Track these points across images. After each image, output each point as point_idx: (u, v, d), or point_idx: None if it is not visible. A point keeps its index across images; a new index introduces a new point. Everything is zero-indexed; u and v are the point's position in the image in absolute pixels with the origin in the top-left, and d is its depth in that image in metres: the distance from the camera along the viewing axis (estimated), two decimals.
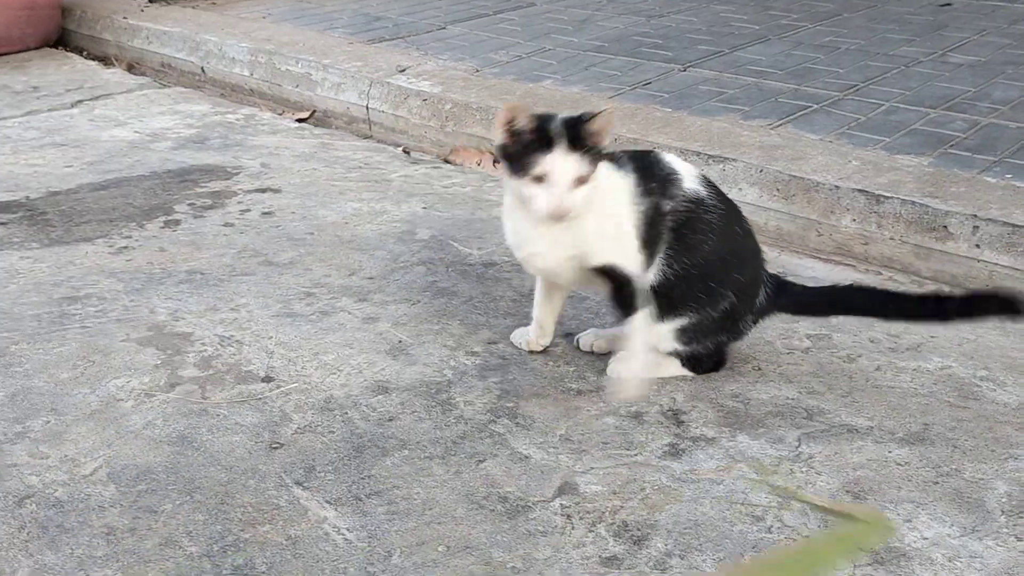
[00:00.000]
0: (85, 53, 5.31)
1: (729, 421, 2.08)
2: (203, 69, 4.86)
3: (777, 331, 2.42)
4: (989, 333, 2.45)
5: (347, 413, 2.08)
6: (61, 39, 5.43)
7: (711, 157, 3.29)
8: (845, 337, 2.42)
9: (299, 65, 4.45)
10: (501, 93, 3.91)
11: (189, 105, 4.32)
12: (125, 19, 5.32)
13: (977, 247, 2.76)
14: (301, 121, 4.27)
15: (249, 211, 3.18)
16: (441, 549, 1.69)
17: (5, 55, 5.04)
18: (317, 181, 3.47)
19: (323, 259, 2.84)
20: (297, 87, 4.44)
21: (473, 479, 1.88)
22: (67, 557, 1.66)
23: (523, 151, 1.95)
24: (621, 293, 2.10)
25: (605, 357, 2.28)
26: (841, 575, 1.63)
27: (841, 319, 2.44)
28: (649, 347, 2.15)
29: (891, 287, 2.72)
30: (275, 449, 1.94)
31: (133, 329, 2.39)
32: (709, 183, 2.17)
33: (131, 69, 5.04)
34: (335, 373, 2.24)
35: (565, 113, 2.01)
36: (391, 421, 2.06)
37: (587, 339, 2.35)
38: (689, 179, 2.11)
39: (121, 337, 2.35)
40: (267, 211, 3.19)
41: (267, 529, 1.71)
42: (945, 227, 2.83)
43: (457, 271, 2.79)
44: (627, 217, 2.05)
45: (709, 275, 2.09)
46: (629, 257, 2.07)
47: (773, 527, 1.76)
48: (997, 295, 2.26)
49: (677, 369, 2.22)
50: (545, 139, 1.93)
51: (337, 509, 1.78)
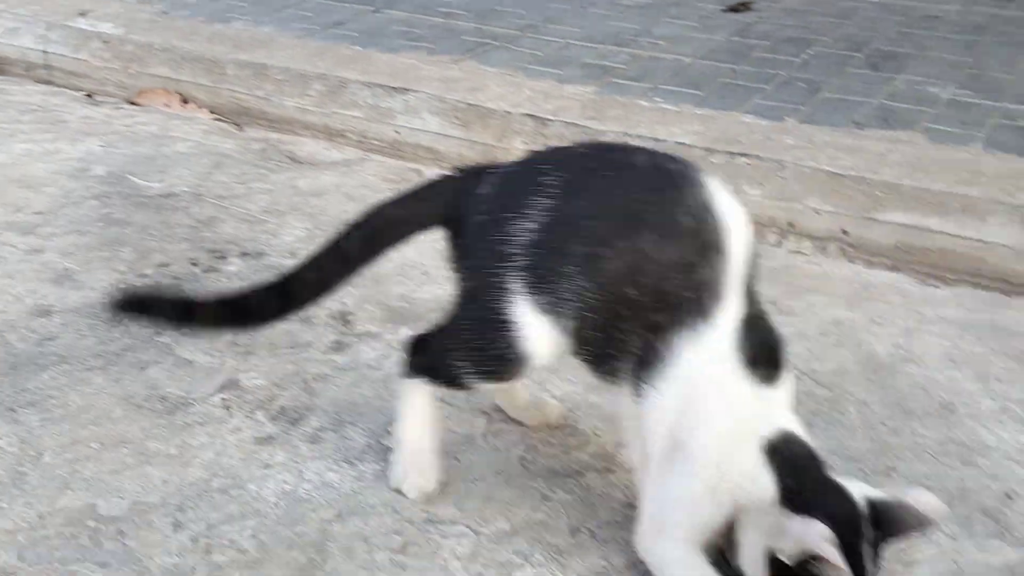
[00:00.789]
0: None
1: (394, 318, 2.23)
2: None
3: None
4: None
5: (4, 336, 2.05)
6: None
7: (394, 89, 3.43)
8: None
9: None
10: (188, 34, 3.87)
11: None
12: None
13: None
14: None
15: None
16: (95, 446, 1.73)
17: None
18: None
19: None
20: None
21: (134, 384, 1.92)
22: None
23: None
24: None
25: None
26: None
27: None
28: None
29: None
30: None
31: None
32: None
33: None
34: None
35: None
36: (51, 340, 2.05)
37: None
38: None
39: None
40: None
41: None
42: None
43: (133, 203, 2.77)
44: None
45: None
46: None
47: None
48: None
49: None
50: None
51: None
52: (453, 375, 1.54)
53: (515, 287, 1.42)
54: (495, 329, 1.44)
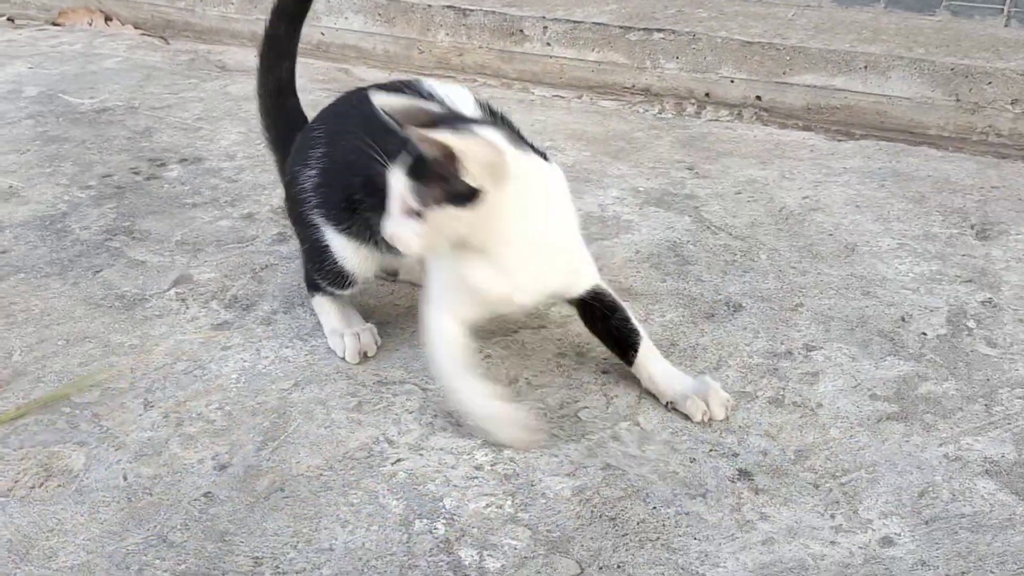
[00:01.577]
0: None
1: None
2: None
3: None
4: (557, 113, 2.87)
5: None
6: None
7: None
8: None
9: None
10: None
11: None
12: None
13: (548, 44, 3.16)
14: None
15: None
16: (61, 343, 1.83)
17: None
18: None
19: None
20: None
21: (91, 287, 2.02)
22: None
23: None
24: None
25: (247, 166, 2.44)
26: None
27: None
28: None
29: (480, 92, 3.06)
30: None
31: None
32: None
33: None
34: None
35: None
36: (4, 253, 2.14)
37: None
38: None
39: None
40: None
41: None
42: (521, 31, 3.19)
43: (68, 120, 2.82)
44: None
45: None
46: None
47: None
48: None
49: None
50: None
51: None
52: (321, 288, 1.84)
53: (321, 221, 1.74)
54: (321, 253, 1.76)
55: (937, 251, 2.11)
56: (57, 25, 3.75)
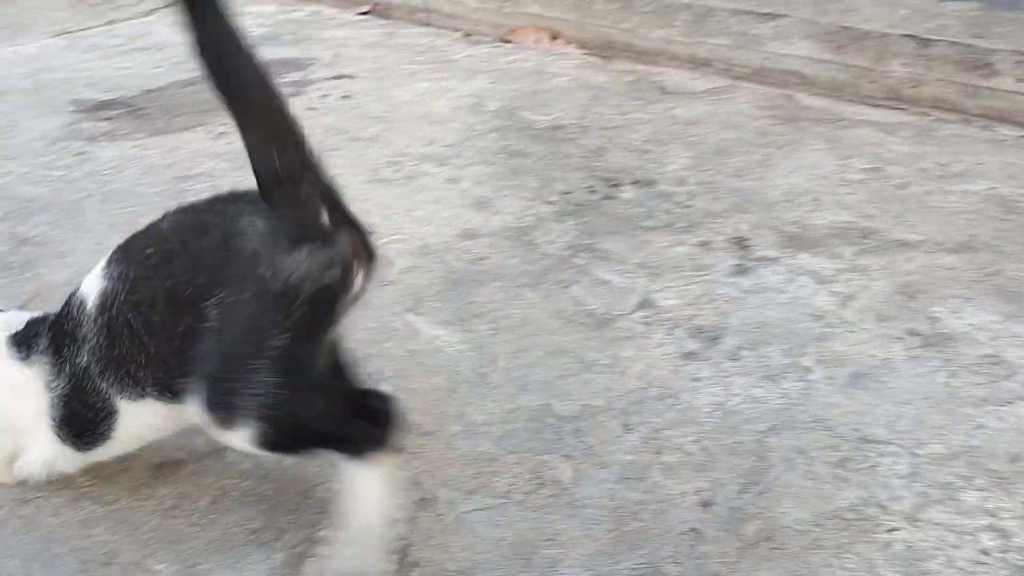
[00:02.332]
0: None
1: (790, 244, 2.29)
2: None
3: (831, 167, 2.61)
4: None
5: (442, 256, 2.33)
6: None
7: (763, 15, 3.41)
8: (897, 168, 2.60)
9: None
10: None
11: (257, 6, 4.51)
12: None
13: (1020, 81, 2.89)
14: (363, 14, 4.45)
15: (328, 96, 3.41)
16: (540, 353, 1.94)
17: None
18: (387, 67, 3.68)
19: (402, 132, 3.06)
20: None
21: (561, 300, 2.12)
22: None
23: None
24: None
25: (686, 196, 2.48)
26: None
27: None
28: None
29: (938, 128, 2.87)
30: (385, 287, 2.19)
31: None
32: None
33: None
34: (427, 225, 2.48)
35: None
36: (482, 260, 2.30)
37: None
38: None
39: None
40: (345, 95, 3.41)
41: (389, 345, 1.97)
42: (990, 64, 2.95)
43: (527, 135, 3.00)
44: None
45: None
46: None
47: (833, 323, 1.98)
48: None
49: None
50: None
51: (446, 328, 2.03)
52: None
53: None
54: None
55: None
56: (507, 42, 4.02)
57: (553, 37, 3.99)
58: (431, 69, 3.63)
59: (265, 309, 1.28)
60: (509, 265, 2.27)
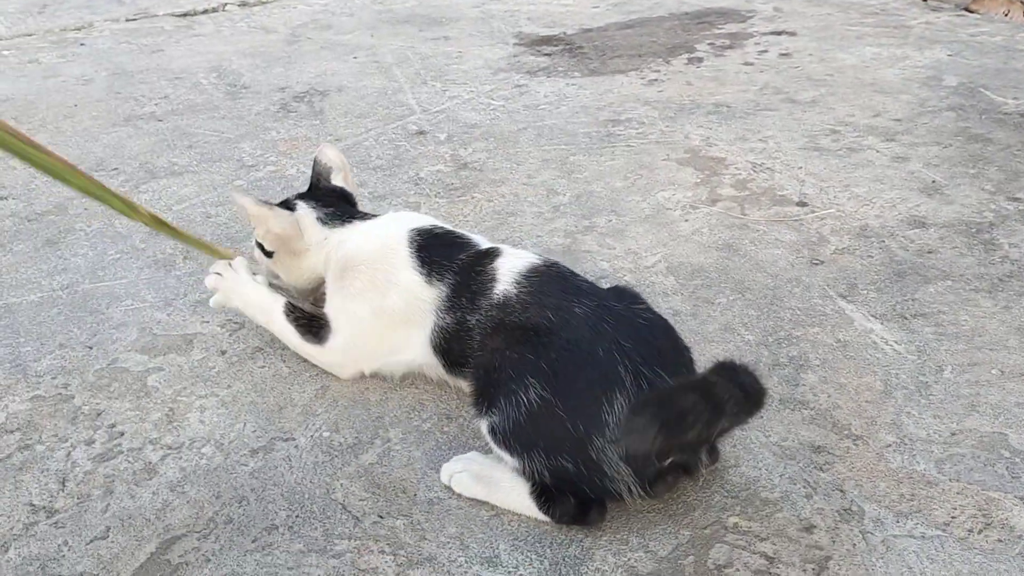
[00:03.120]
0: None
1: None
2: None
3: None
4: None
5: (884, 241, 2.12)
6: None
7: None
8: None
9: None
10: None
11: None
12: None
13: None
14: None
15: (767, 52, 3.24)
16: (995, 372, 1.70)
17: None
18: (832, 26, 3.43)
19: (845, 99, 2.84)
20: None
21: (1022, 315, 1.84)
22: None
23: None
24: None
25: None
26: None
27: None
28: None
29: None
30: (816, 265, 2.04)
31: (672, 151, 2.60)
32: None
33: None
34: (868, 205, 2.27)
35: None
36: (930, 253, 2.06)
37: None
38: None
39: (662, 157, 2.57)
40: (784, 52, 3.22)
41: (816, 331, 1.82)
42: None
43: (991, 119, 2.66)
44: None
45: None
46: None
47: None
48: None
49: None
50: None
51: (883, 323, 1.84)
52: None
53: None
54: None
55: None
56: (971, 11, 3.60)
57: None
58: (881, 33, 3.33)
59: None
60: (962, 264, 2.02)
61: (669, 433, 1.21)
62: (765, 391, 1.30)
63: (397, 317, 1.59)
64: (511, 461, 1.41)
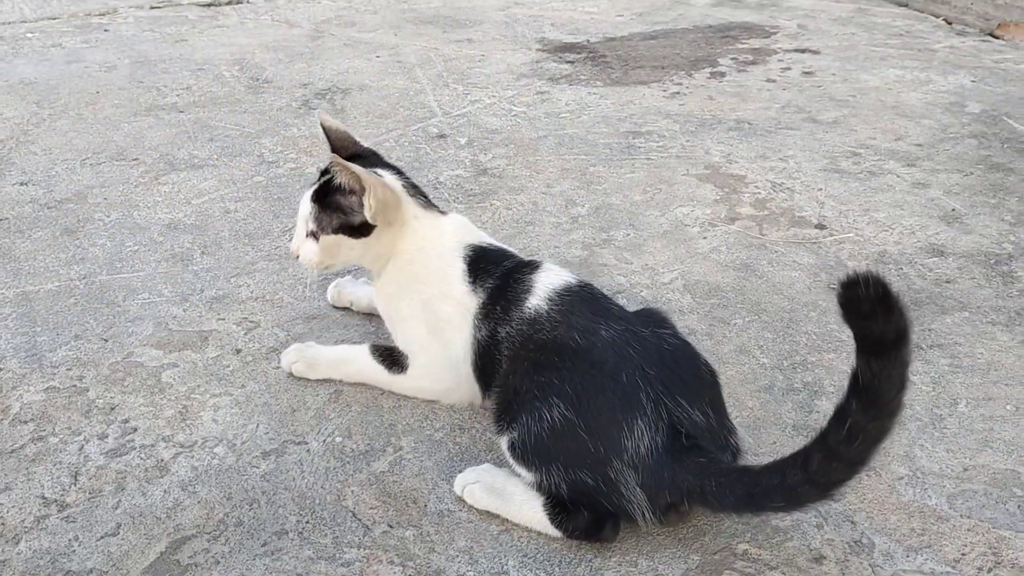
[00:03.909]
0: None
1: None
2: None
3: None
4: None
5: (902, 268, 2.11)
6: None
7: None
8: None
9: None
10: None
11: None
12: None
13: None
14: None
15: (789, 69, 3.24)
16: (1010, 408, 1.69)
17: None
18: (856, 46, 3.43)
19: (866, 121, 2.83)
20: None
21: None
22: None
23: None
24: None
25: None
26: None
27: None
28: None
29: None
30: (833, 290, 2.02)
31: (692, 166, 2.59)
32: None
33: None
34: (887, 230, 2.26)
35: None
36: (948, 283, 2.06)
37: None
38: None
39: (682, 172, 2.56)
40: (807, 71, 3.22)
41: (832, 357, 1.82)
42: None
43: (1013, 148, 2.65)
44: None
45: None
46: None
47: None
48: None
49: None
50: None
51: None
52: None
53: None
54: None
55: None
56: (996, 37, 3.59)
57: None
58: (905, 56, 3.33)
59: None
60: (979, 296, 2.01)
61: None
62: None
63: (452, 324, 1.59)
64: (528, 476, 1.42)
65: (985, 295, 2.02)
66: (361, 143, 1.76)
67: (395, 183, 1.64)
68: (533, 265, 1.58)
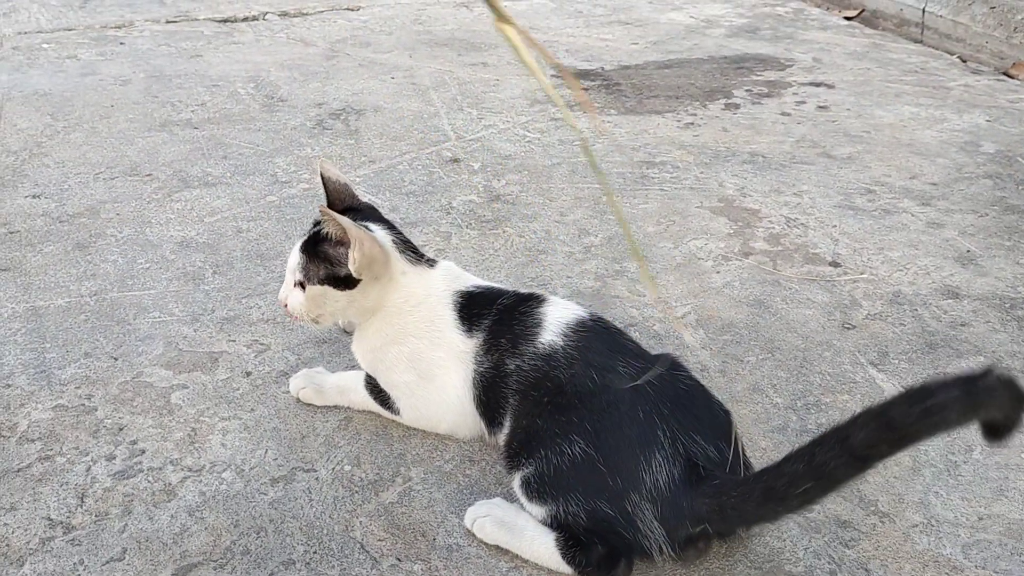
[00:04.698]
0: None
1: None
2: None
3: None
4: None
5: (917, 310, 2.10)
6: None
7: None
8: None
9: None
10: None
11: None
12: None
13: None
14: (849, 19, 4.20)
15: (804, 103, 3.24)
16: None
17: None
18: (871, 81, 3.43)
19: (881, 158, 2.83)
20: None
21: None
22: None
23: None
24: None
25: None
26: None
27: None
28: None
29: None
30: (847, 329, 2.02)
31: (705, 198, 2.59)
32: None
33: None
34: (901, 270, 2.25)
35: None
36: (963, 326, 2.05)
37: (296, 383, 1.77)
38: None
39: (695, 204, 2.56)
40: (822, 105, 3.22)
41: (846, 399, 1.80)
42: None
43: None
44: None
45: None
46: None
47: None
48: None
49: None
50: None
51: None
52: None
53: None
54: None
55: None
56: (1010, 76, 3.59)
57: None
58: (920, 93, 3.33)
59: None
60: (994, 340, 2.00)
61: None
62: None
63: (447, 367, 1.58)
64: (541, 512, 1.40)
65: (1000, 339, 2.00)
66: (360, 197, 1.73)
67: (385, 238, 1.61)
68: (537, 298, 1.57)
